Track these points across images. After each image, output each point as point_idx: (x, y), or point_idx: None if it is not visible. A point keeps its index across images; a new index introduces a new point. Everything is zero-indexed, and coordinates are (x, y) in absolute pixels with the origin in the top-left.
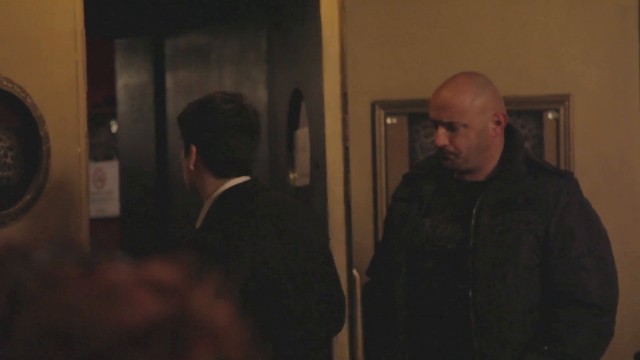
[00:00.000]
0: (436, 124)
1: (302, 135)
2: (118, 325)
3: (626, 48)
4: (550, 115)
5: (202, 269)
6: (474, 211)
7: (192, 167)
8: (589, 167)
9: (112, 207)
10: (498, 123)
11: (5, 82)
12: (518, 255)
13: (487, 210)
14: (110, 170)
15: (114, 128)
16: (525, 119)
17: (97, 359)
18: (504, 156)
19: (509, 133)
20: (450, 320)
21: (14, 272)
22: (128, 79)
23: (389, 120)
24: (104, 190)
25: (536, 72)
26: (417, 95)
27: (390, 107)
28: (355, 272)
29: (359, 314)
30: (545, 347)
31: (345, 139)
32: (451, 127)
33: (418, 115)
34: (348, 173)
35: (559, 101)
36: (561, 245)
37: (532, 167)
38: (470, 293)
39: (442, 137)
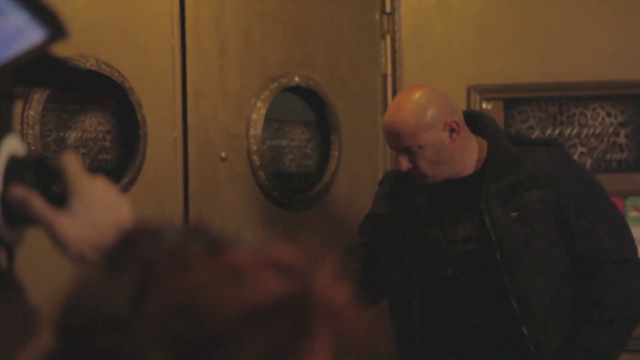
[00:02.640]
0: (396, 150)
1: None
2: (243, 303)
3: None
4: None
5: (323, 251)
6: (483, 205)
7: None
8: None
9: None
10: (452, 130)
11: (104, 67)
12: (540, 235)
13: (495, 201)
14: None
15: None
16: (625, 104)
17: (224, 334)
18: (490, 144)
19: (479, 121)
20: (492, 318)
21: (146, 251)
22: None
23: (484, 105)
24: None
25: (637, 56)
26: (513, 80)
27: (486, 91)
28: None
29: None
30: (594, 315)
31: None
32: (408, 151)
33: (514, 100)
34: None
35: None
36: (576, 214)
37: (520, 145)
38: (508, 285)
39: (403, 162)
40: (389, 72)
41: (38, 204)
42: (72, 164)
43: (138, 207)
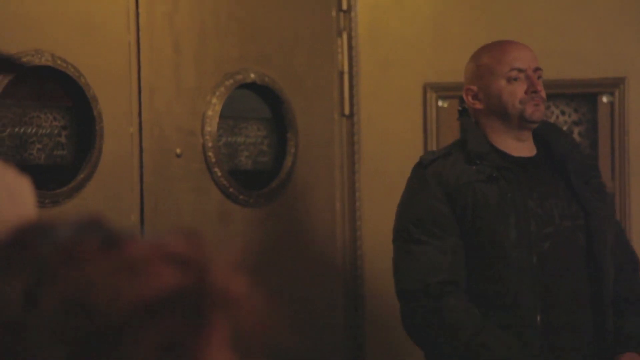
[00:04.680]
0: (521, 72)
1: None
2: (136, 297)
3: None
4: (604, 99)
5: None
6: (575, 184)
7: None
8: None
9: None
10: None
11: (59, 62)
12: (613, 214)
13: (580, 182)
14: None
15: None
16: (578, 102)
17: (118, 329)
18: (545, 125)
19: None
20: (584, 290)
21: (38, 248)
22: None
23: (440, 103)
24: None
25: (590, 55)
26: None
27: (442, 89)
28: None
29: None
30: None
31: None
32: (538, 73)
33: None
34: None
35: (614, 84)
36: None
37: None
38: (602, 266)
39: (519, 90)
40: (346, 69)
41: None
42: None
43: (94, 203)
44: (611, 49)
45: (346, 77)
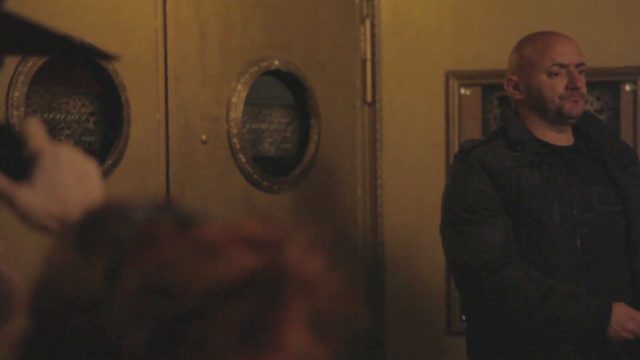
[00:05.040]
0: (563, 68)
1: None
2: (215, 278)
3: None
4: (627, 87)
5: (295, 223)
6: (613, 171)
7: None
8: None
9: None
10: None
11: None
12: None
13: (618, 169)
14: None
15: None
16: (601, 90)
17: (198, 310)
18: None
19: None
20: (622, 275)
21: (116, 230)
22: None
23: (462, 91)
24: None
25: (613, 44)
26: (490, 66)
27: (464, 77)
28: None
29: None
30: None
31: None
32: (580, 68)
33: (492, 86)
34: None
35: (637, 73)
36: None
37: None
38: (637, 254)
39: (581, 79)
40: (369, 56)
41: None
42: (36, 130)
43: (121, 189)
44: (634, 38)
45: (369, 64)
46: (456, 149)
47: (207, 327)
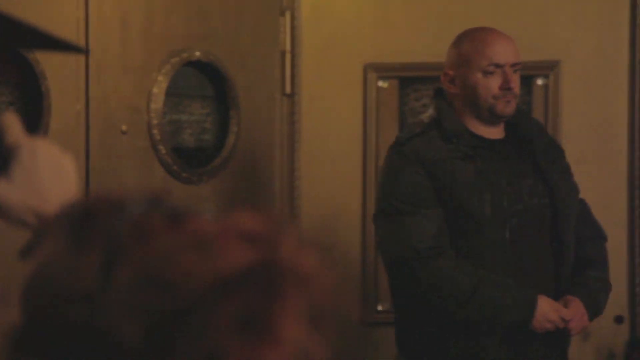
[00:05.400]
0: (498, 67)
1: None
2: (212, 272)
3: (617, 15)
4: (539, 82)
5: (288, 218)
6: (542, 164)
7: None
8: (577, 133)
9: None
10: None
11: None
12: (578, 193)
13: (547, 163)
14: None
15: None
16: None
17: (194, 304)
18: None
19: None
20: (548, 266)
21: (110, 223)
22: None
23: (380, 84)
24: None
25: (526, 38)
26: (408, 59)
27: (382, 70)
28: None
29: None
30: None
31: None
32: (515, 69)
33: (409, 79)
34: None
35: (549, 67)
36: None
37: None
38: (562, 241)
39: (516, 79)
40: (288, 48)
41: None
42: (13, 125)
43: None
44: (546, 32)
45: (288, 56)
46: (374, 141)
47: (205, 320)
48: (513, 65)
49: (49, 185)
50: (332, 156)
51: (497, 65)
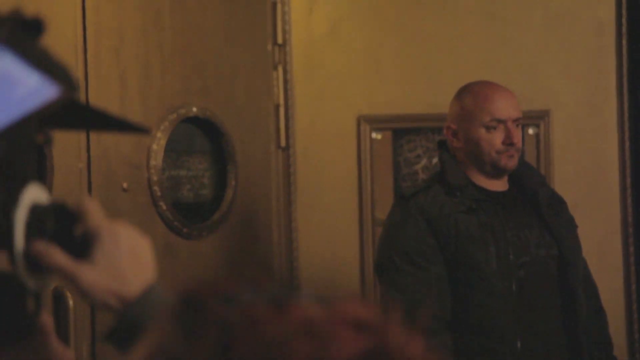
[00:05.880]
0: (501, 123)
1: None
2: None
3: (604, 65)
4: (530, 131)
5: (393, 305)
6: (547, 215)
7: None
8: (569, 181)
9: None
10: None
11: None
12: (581, 247)
13: (551, 214)
14: None
15: None
16: None
17: None
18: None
19: None
20: (557, 317)
21: (220, 313)
22: None
23: (374, 135)
24: None
25: (517, 88)
26: (401, 110)
27: (375, 121)
28: None
29: None
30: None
31: None
32: (517, 123)
33: (402, 130)
34: None
35: (539, 117)
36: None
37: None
38: (571, 292)
39: (517, 134)
40: (282, 102)
41: (58, 257)
42: (92, 208)
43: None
44: (536, 83)
45: (282, 110)
46: (369, 191)
47: None
48: (515, 120)
49: (130, 268)
50: (328, 207)
51: (499, 121)
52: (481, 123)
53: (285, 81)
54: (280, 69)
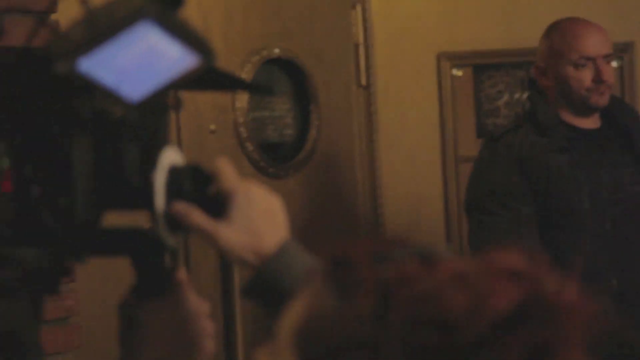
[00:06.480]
0: (590, 60)
1: None
2: (489, 309)
3: None
4: (614, 64)
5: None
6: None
7: None
8: None
9: None
10: None
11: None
12: None
13: None
14: None
15: None
16: None
17: (479, 341)
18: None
19: None
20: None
21: (374, 272)
22: None
23: (454, 72)
24: None
25: (599, 20)
26: (481, 46)
27: (456, 58)
28: None
29: None
30: None
31: None
32: (608, 59)
33: (483, 66)
34: None
35: (623, 49)
36: None
37: None
38: None
39: (608, 70)
40: (361, 40)
41: (198, 217)
42: (227, 169)
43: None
44: (619, 14)
45: (362, 48)
46: (451, 129)
47: (495, 355)
48: (605, 56)
49: (265, 226)
50: (410, 145)
51: (589, 58)
52: (570, 61)
53: (364, 20)
54: (358, 7)
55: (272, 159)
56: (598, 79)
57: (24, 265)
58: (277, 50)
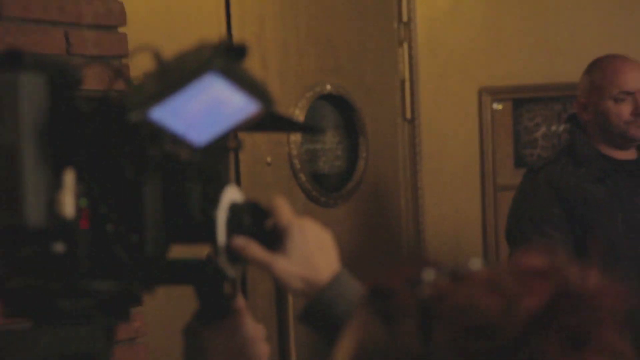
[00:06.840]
0: (629, 95)
1: None
2: (522, 310)
3: None
4: None
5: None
6: None
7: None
8: None
9: None
10: None
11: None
12: None
13: None
14: None
15: None
16: None
17: (517, 339)
18: None
19: None
20: None
21: (412, 294)
22: None
23: (494, 106)
24: None
25: (636, 55)
26: (520, 81)
27: (496, 92)
28: None
29: None
30: None
31: None
32: None
33: (522, 100)
34: None
35: None
36: None
37: None
38: None
39: (625, 111)
40: (407, 76)
41: (256, 250)
42: (283, 205)
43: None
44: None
45: (407, 84)
46: (490, 161)
47: (539, 350)
48: None
49: (319, 258)
50: (452, 174)
51: (628, 93)
52: (610, 95)
53: (410, 57)
54: (405, 45)
55: (323, 188)
56: (636, 112)
57: (100, 295)
58: (328, 87)
